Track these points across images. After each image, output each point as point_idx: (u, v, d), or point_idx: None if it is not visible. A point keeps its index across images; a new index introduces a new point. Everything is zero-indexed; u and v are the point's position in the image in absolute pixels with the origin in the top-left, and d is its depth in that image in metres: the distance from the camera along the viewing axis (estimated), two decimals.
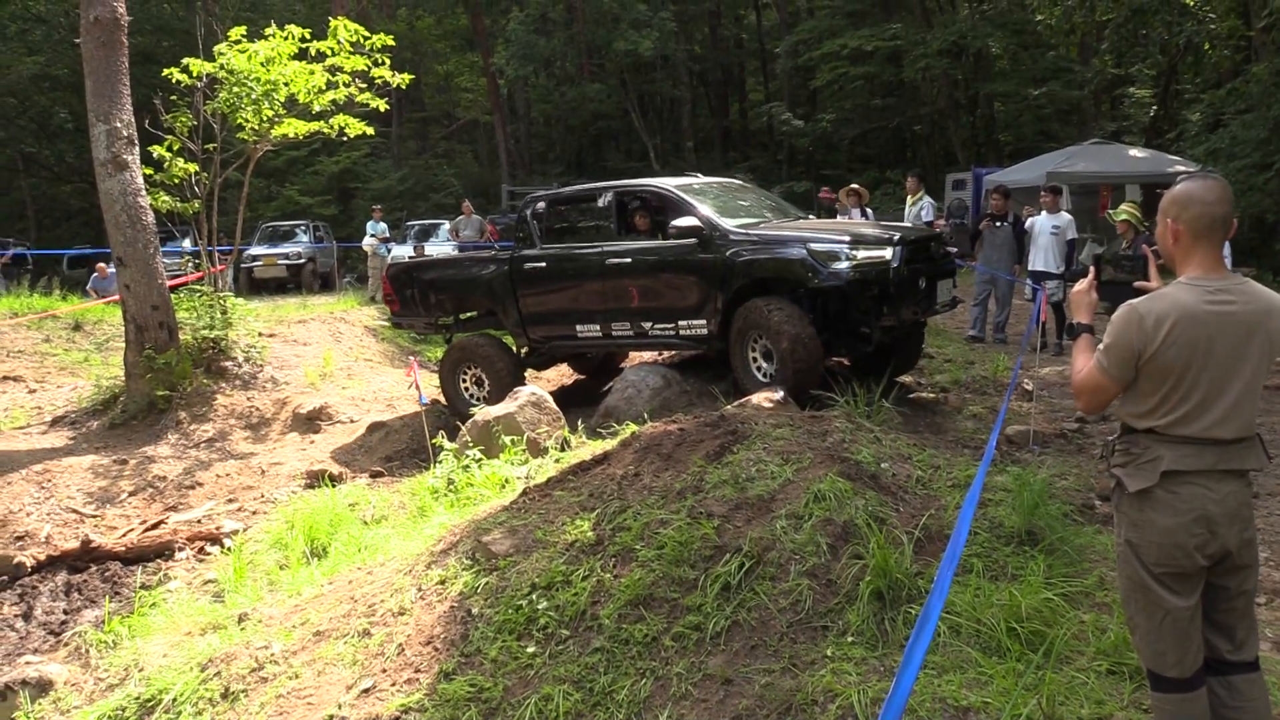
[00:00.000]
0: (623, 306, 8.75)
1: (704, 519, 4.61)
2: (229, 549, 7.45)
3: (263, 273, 23.61)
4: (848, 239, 7.75)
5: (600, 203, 9.09)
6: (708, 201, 8.74)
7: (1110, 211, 8.70)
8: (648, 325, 8.70)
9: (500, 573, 4.68)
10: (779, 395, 6.74)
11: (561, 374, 11.30)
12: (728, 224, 8.32)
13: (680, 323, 8.49)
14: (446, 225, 23.83)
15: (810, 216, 9.93)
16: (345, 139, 12.32)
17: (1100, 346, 2.94)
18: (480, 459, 7.27)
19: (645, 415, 7.62)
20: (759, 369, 7.95)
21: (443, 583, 4.81)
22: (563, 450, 7.48)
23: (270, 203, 31.17)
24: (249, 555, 7.07)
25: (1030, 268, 11.20)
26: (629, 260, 8.67)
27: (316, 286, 23.87)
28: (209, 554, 7.59)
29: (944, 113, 30.17)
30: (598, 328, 8.99)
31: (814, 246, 7.73)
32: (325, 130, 12.04)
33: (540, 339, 9.49)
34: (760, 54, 38.88)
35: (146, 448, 9.79)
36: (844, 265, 7.57)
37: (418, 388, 8.61)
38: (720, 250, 8.12)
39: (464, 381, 9.79)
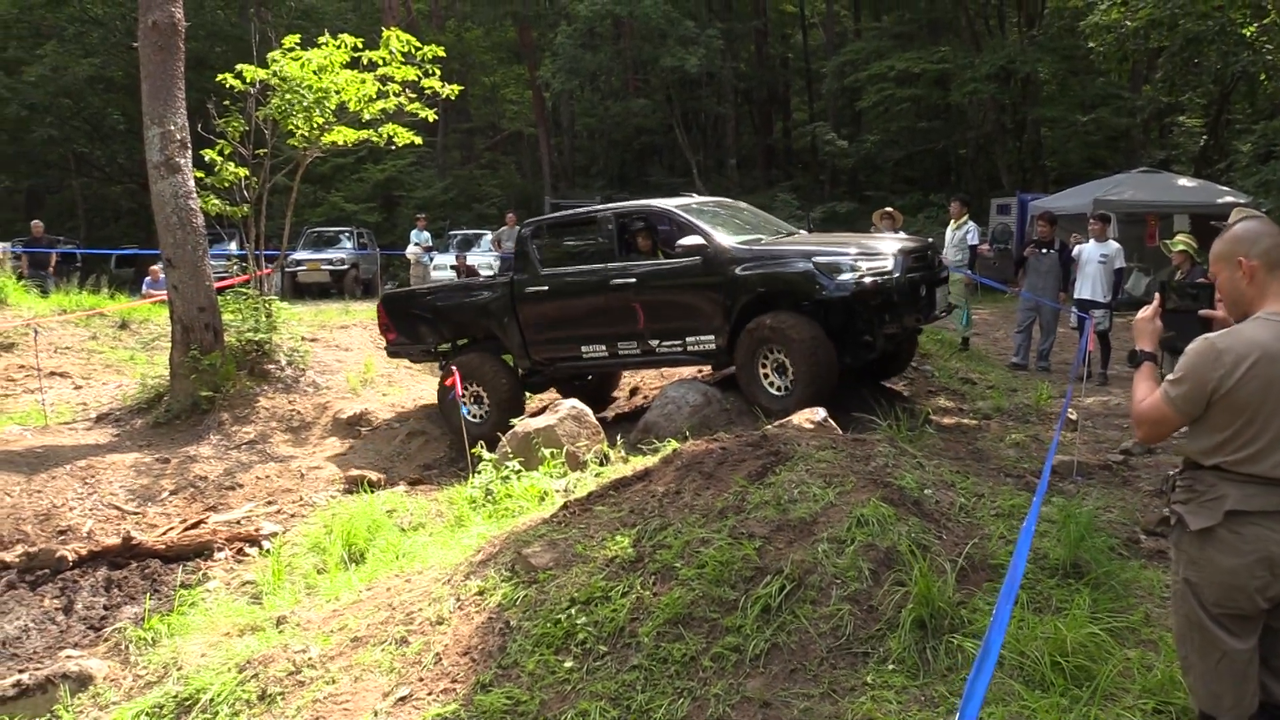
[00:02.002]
0: (629, 326, 8.84)
1: (745, 539, 4.58)
2: (267, 551, 7.50)
3: (306, 277, 23.83)
4: (851, 251, 8.00)
5: (600, 225, 9.24)
6: (708, 220, 8.89)
7: (1166, 241, 8.59)
8: (655, 343, 8.79)
9: (539, 586, 4.67)
10: (820, 416, 6.71)
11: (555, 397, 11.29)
12: (730, 241, 8.52)
13: (688, 339, 8.62)
14: (489, 235, 23.96)
15: (801, 232, 10.03)
16: (393, 148, 12.42)
17: (1169, 378, 2.88)
18: (519, 470, 7.28)
19: (685, 432, 7.63)
20: (770, 383, 8.09)
21: (481, 593, 4.81)
22: (602, 465, 7.50)
23: (315, 208, 31.47)
24: (287, 558, 7.13)
25: (1077, 296, 11.08)
26: (633, 280, 8.78)
27: (359, 292, 24.04)
28: (247, 555, 7.64)
29: (990, 137, 29.96)
30: (604, 348, 9.07)
31: (819, 260, 7.96)
32: (374, 139, 12.15)
33: (545, 361, 9.54)
34: (806, 73, 38.79)
35: (188, 447, 9.88)
36: (849, 276, 7.80)
37: (459, 397, 8.64)
38: (725, 267, 8.28)
39: (464, 400, 9.78)
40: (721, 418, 8.32)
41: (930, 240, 9.56)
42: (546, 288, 9.28)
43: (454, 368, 8.87)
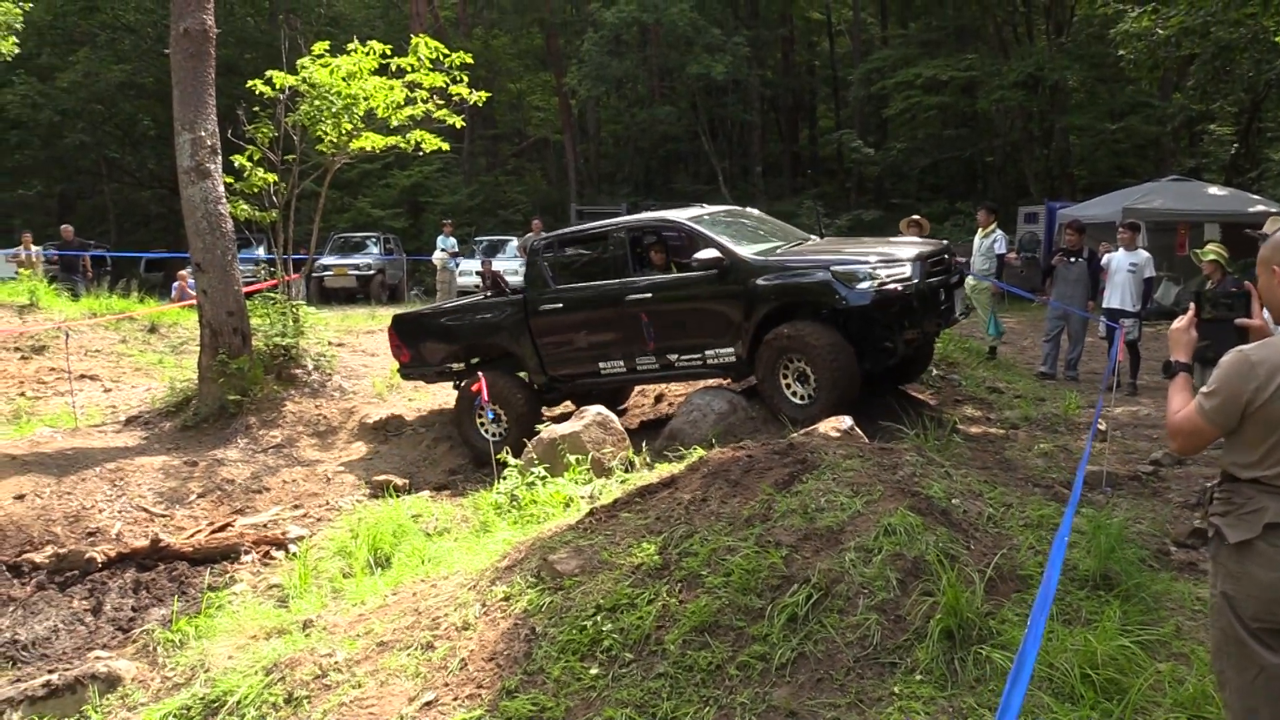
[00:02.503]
0: (645, 341, 8.86)
1: (772, 548, 4.57)
2: (294, 554, 7.54)
3: (333, 282, 24.00)
4: (870, 259, 7.99)
5: (613, 239, 9.26)
6: (722, 231, 8.91)
7: (1197, 251, 8.50)
8: (674, 357, 8.81)
9: (565, 592, 4.67)
10: (846, 424, 6.68)
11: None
12: (746, 252, 8.54)
13: (707, 352, 8.63)
14: (515, 241, 24.03)
15: (814, 239, 10.04)
16: (420, 154, 12.49)
17: (1203, 390, 2.85)
18: (544, 476, 7.30)
19: (711, 439, 7.64)
20: (793, 392, 8.11)
21: (507, 599, 4.82)
22: (628, 472, 7.50)
23: (342, 214, 31.70)
24: (313, 562, 7.16)
25: (1106, 305, 10.99)
26: (649, 295, 8.80)
27: (385, 298, 24.21)
28: (274, 559, 7.69)
29: (1018, 145, 29.81)
30: (621, 363, 9.10)
31: (837, 269, 7.95)
32: (401, 145, 12.22)
33: (562, 378, 9.56)
34: (832, 81, 38.74)
35: (216, 451, 9.96)
36: (868, 285, 7.78)
37: (485, 403, 8.67)
38: (742, 278, 8.29)
39: (479, 418, 9.77)
40: (747, 425, 8.31)
41: (947, 243, 9.52)
42: (560, 304, 9.30)
43: (480, 374, 8.88)
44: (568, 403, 10.55)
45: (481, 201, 34.57)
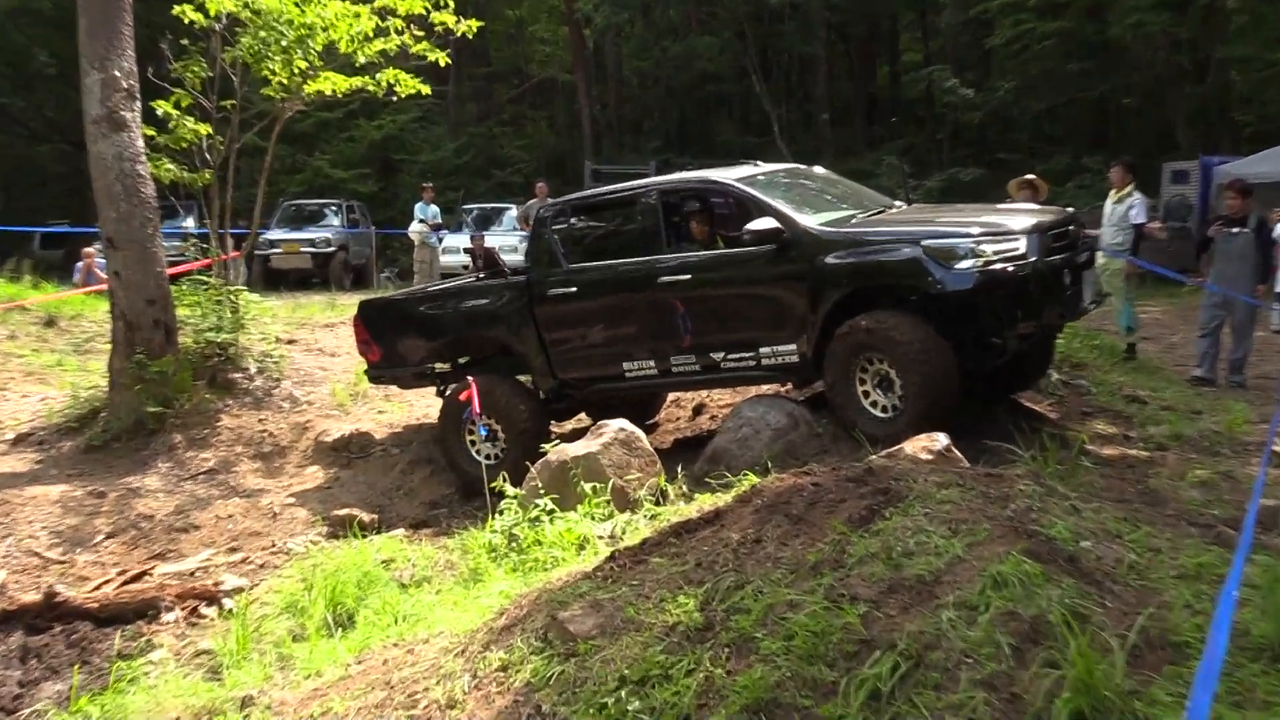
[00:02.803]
0: (684, 335, 8.89)
1: (846, 603, 4.55)
2: (230, 611, 7.59)
3: (282, 262, 24.22)
4: (972, 231, 7.95)
5: (641, 206, 9.31)
6: (780, 195, 8.92)
7: None
8: (719, 356, 8.84)
9: (580, 660, 4.67)
10: (942, 443, 6.70)
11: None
12: (811, 221, 8.55)
13: (761, 350, 8.67)
14: (514, 211, 24.10)
15: (899, 204, 10.03)
16: (393, 99, 12.54)
17: None
18: (552, 510, 7.32)
19: (766, 463, 7.64)
20: (872, 402, 8.13)
21: (504, 669, 4.82)
22: (659, 504, 7.53)
23: (294, 175, 31.97)
24: (255, 620, 7.19)
25: (1279, 289, 10.91)
26: (688, 277, 8.83)
27: (348, 282, 24.39)
28: (204, 617, 7.73)
29: (1162, 82, 29.63)
30: (652, 364, 9.16)
31: (929, 244, 7.93)
32: (371, 88, 12.28)
33: (576, 382, 9.62)
34: (919, 2, 38.65)
35: (131, 477, 10.02)
36: (970, 264, 7.76)
37: (477, 415, 8.70)
38: (807, 256, 8.31)
39: (470, 435, 9.76)
40: (812, 444, 8.33)
41: (1071, 210, 9.47)
42: (574, 288, 9.35)
43: (471, 378, 8.89)
44: (582, 415, 10.64)
45: (471, 159, 34.76)
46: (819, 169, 10.87)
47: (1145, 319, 13.47)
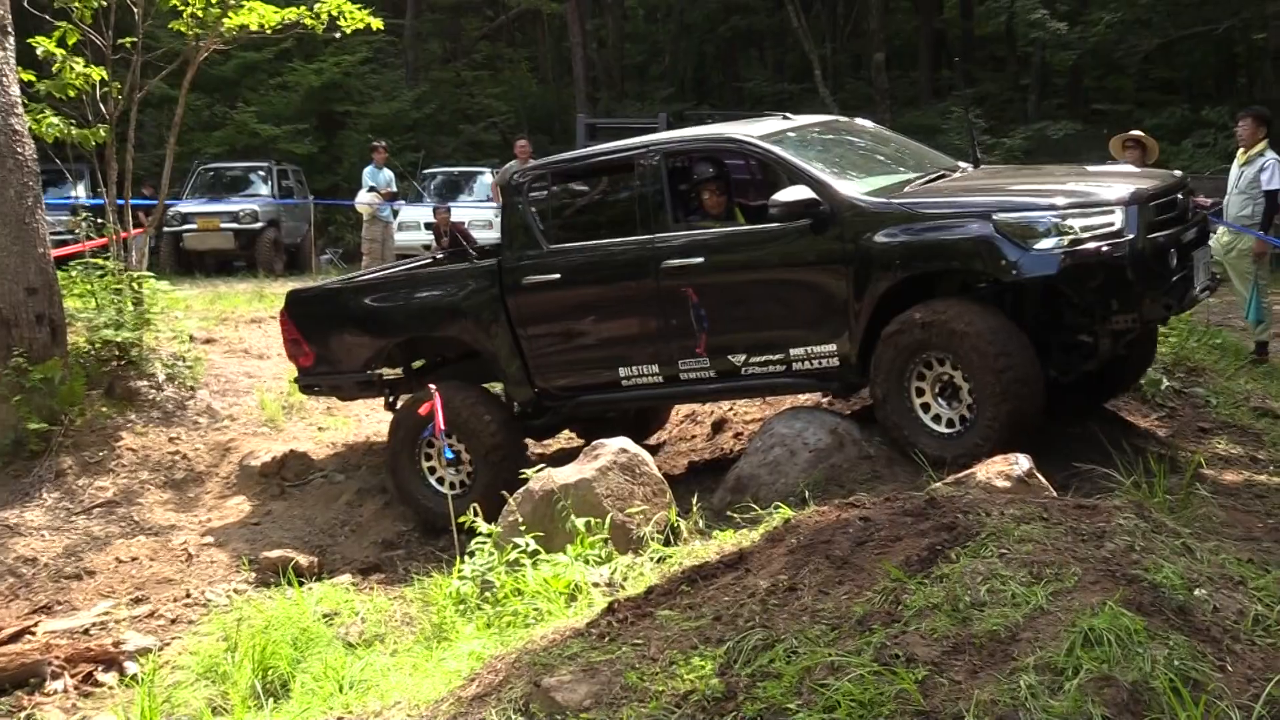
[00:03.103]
0: (696, 333, 8.90)
1: (901, 666, 4.59)
2: (133, 678, 7.65)
3: (197, 242, 24.10)
4: (1056, 201, 7.91)
5: (641, 170, 9.26)
6: (816, 156, 8.90)
7: None
8: (739, 360, 8.85)
9: None
10: (1022, 467, 6.73)
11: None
12: (854, 190, 8.53)
13: (792, 351, 8.65)
14: (488, 176, 24.07)
15: (965, 168, 9.89)
16: (337, 36, 12.53)
17: None
18: (536, 551, 7.31)
19: (803, 492, 7.67)
20: (934, 415, 8.13)
21: None
22: (669, 543, 7.56)
23: (212, 133, 31.81)
24: (164, 690, 7.24)
25: None
26: (700, 260, 8.82)
27: (280, 266, 24.26)
28: (101, 684, 7.81)
29: None
30: (655, 368, 9.16)
31: (1002, 218, 7.85)
32: (309, 22, 12.26)
33: (560, 392, 9.61)
34: None
35: (8, 511, 10.06)
36: (1052, 243, 7.71)
37: (439, 431, 8.69)
38: (849, 233, 8.28)
39: (428, 460, 9.84)
40: (860, 468, 8.33)
41: (1182, 174, 9.47)
42: (557, 274, 9.33)
43: (432, 387, 8.83)
44: (569, 433, 10.66)
45: (434, 112, 34.66)
46: (865, 122, 10.88)
47: (1277, 310, 13.43)
